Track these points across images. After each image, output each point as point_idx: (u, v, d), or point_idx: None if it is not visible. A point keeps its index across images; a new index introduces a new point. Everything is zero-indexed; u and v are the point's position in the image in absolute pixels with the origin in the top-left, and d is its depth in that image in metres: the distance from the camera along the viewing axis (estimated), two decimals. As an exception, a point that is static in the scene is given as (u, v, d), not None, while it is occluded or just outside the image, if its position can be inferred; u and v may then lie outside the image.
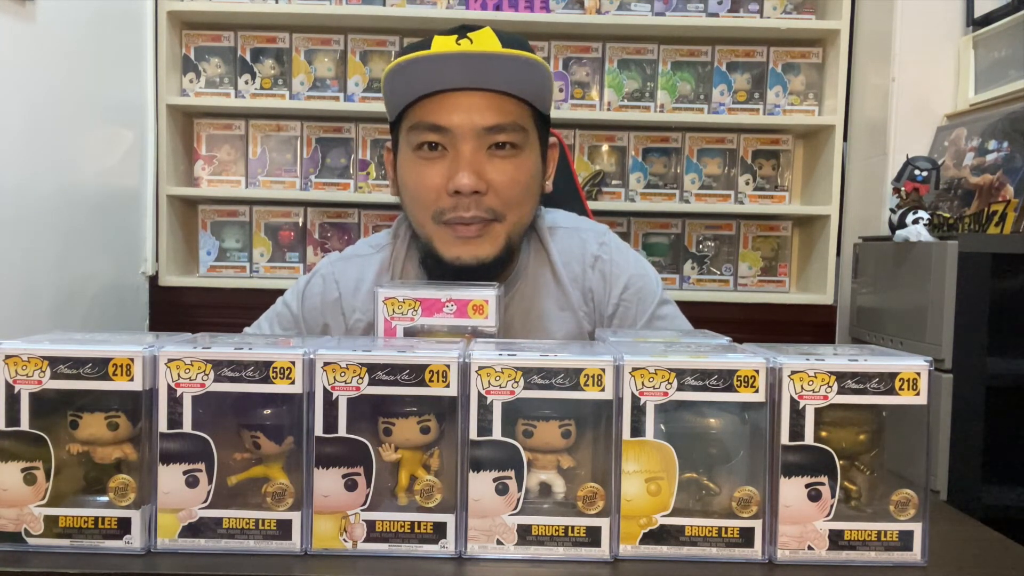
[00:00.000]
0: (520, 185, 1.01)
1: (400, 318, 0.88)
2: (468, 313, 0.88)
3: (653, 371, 0.71)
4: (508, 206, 1.00)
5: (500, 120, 0.98)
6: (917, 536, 0.72)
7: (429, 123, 0.98)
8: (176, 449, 0.71)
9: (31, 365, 0.70)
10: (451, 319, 0.88)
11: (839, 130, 2.27)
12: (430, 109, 0.98)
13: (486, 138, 0.98)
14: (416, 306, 0.88)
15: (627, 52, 2.33)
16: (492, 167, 0.98)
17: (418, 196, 1.01)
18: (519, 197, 1.01)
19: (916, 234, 1.76)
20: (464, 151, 0.97)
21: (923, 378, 0.71)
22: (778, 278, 2.43)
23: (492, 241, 1.01)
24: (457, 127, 0.97)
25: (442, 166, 0.99)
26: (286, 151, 2.37)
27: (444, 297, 0.87)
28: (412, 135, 1.00)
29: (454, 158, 0.98)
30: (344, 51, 2.33)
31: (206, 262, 2.39)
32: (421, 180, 1.00)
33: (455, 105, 0.97)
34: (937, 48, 2.13)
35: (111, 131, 2.12)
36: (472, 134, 0.97)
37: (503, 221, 1.01)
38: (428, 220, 1.01)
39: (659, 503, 0.71)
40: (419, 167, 1.00)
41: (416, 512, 0.72)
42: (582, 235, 1.15)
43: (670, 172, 2.40)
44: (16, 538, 0.71)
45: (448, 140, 0.98)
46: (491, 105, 0.98)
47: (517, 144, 1.00)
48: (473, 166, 0.97)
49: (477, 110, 0.97)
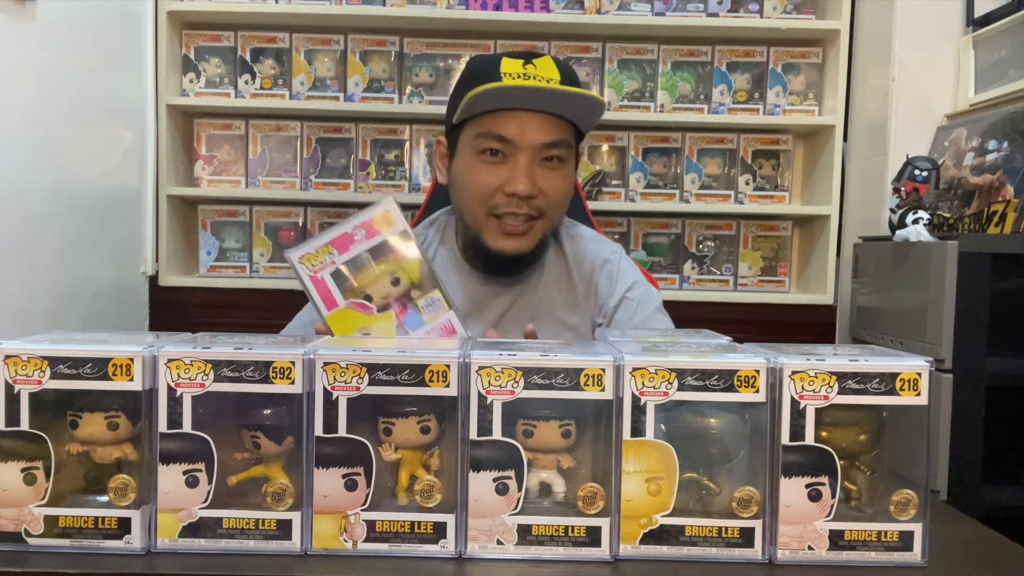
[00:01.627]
0: (562, 192, 1.18)
1: (321, 267, 0.92)
2: (378, 229, 0.94)
3: (653, 371, 0.71)
4: (551, 207, 1.17)
5: (554, 138, 1.14)
6: (917, 536, 0.72)
7: (497, 134, 1.13)
8: (176, 449, 0.71)
9: (31, 365, 0.70)
10: (365, 242, 0.94)
11: (839, 130, 2.27)
12: (498, 122, 1.13)
13: (541, 152, 1.14)
14: (330, 250, 0.93)
15: (627, 52, 2.33)
16: (542, 175, 1.14)
17: (477, 193, 1.15)
18: (561, 201, 1.19)
19: (916, 234, 1.75)
20: (521, 161, 1.13)
21: (924, 378, 0.71)
22: (778, 278, 2.43)
23: (532, 237, 1.17)
24: (519, 140, 1.13)
25: (502, 170, 1.14)
26: (286, 151, 2.37)
27: (350, 228, 0.93)
28: (479, 141, 1.15)
29: (512, 165, 1.13)
30: (344, 51, 2.33)
31: (206, 262, 2.39)
32: (481, 180, 1.15)
33: (524, 123, 1.13)
34: (937, 48, 2.12)
35: (111, 131, 2.12)
36: (531, 148, 1.13)
37: (544, 218, 1.17)
38: (481, 213, 1.16)
39: (659, 503, 0.71)
40: (480, 168, 1.15)
41: (416, 512, 0.72)
42: (599, 245, 1.32)
43: (670, 172, 2.40)
44: (16, 538, 0.71)
45: (510, 149, 1.13)
46: (548, 125, 1.14)
47: (563, 159, 1.17)
48: (529, 174, 1.13)
49: (537, 128, 1.13)
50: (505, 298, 1.24)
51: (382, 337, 0.93)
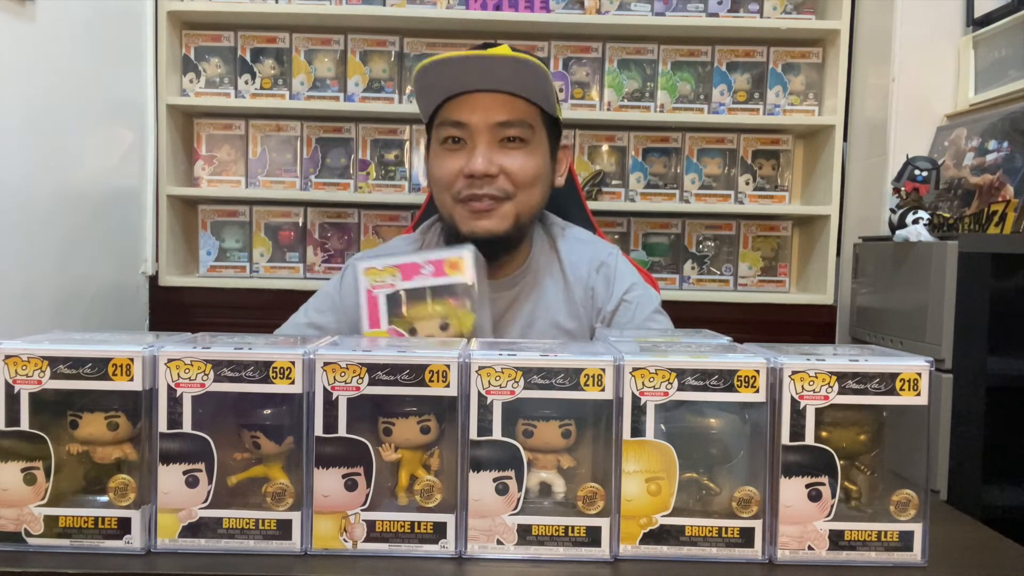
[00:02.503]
0: (528, 171, 1.17)
1: (380, 286, 0.92)
2: (445, 271, 0.94)
3: (653, 371, 0.71)
4: (517, 187, 1.17)
5: (510, 117, 1.16)
6: (917, 536, 0.72)
7: (452, 119, 1.16)
8: (176, 449, 0.71)
9: (31, 365, 0.70)
10: (430, 279, 0.93)
11: (839, 130, 2.27)
12: (453, 109, 1.17)
13: (498, 132, 1.16)
14: (395, 272, 0.92)
15: (627, 52, 2.33)
16: (503, 155, 1.16)
17: (442, 180, 1.19)
18: (527, 180, 1.18)
19: (916, 234, 1.75)
20: (479, 142, 1.15)
21: (924, 378, 0.71)
22: (778, 278, 2.43)
23: (502, 218, 1.17)
24: (474, 122, 1.15)
25: (462, 155, 1.17)
26: (286, 151, 2.37)
27: (421, 260, 0.93)
28: (439, 131, 1.19)
29: (471, 149, 1.16)
30: (344, 51, 2.33)
31: (206, 262, 2.39)
32: (444, 167, 1.18)
33: (474, 104, 1.16)
34: (937, 48, 2.12)
35: (111, 131, 2.12)
36: (486, 128, 1.15)
37: (513, 199, 1.17)
38: (449, 200, 1.19)
39: (659, 503, 0.71)
40: (443, 157, 1.19)
41: (416, 512, 0.72)
42: (595, 246, 1.32)
43: (670, 172, 2.40)
44: (16, 538, 0.71)
45: (467, 134, 1.16)
46: (503, 105, 1.16)
47: (524, 139, 1.17)
48: (486, 154, 1.15)
49: (491, 109, 1.15)
50: (500, 303, 1.23)
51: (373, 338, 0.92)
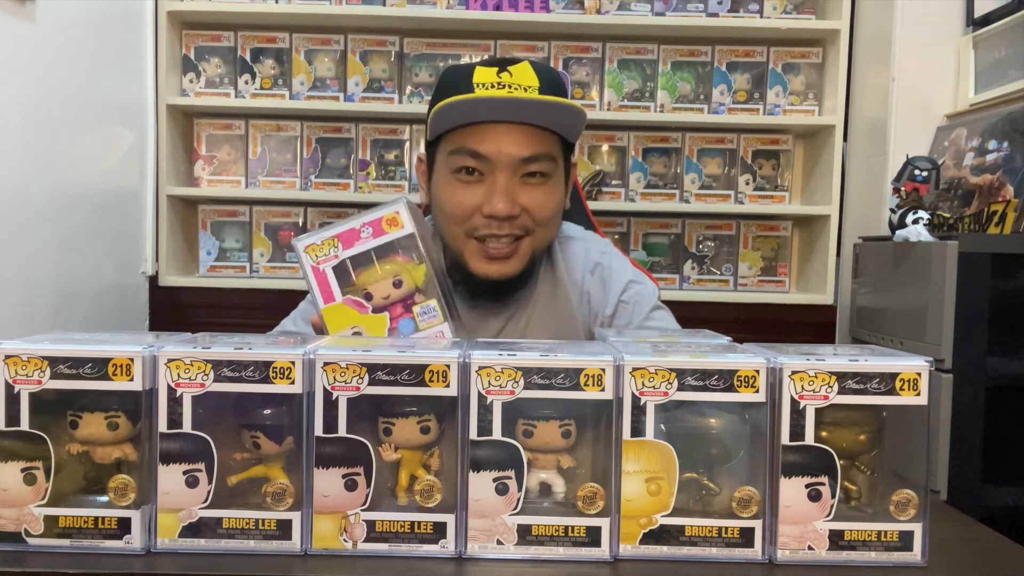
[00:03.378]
0: (549, 208, 1.09)
1: (325, 260, 0.93)
2: (384, 229, 0.94)
3: (653, 371, 0.71)
4: (539, 225, 1.09)
5: (534, 152, 1.06)
6: (917, 536, 0.72)
7: (470, 149, 1.05)
8: (176, 449, 0.71)
9: (31, 365, 0.70)
10: (371, 241, 0.93)
11: (839, 130, 2.27)
12: (471, 137, 1.05)
13: (520, 168, 1.06)
14: (335, 243, 0.93)
15: (627, 52, 2.33)
16: (524, 193, 1.07)
17: (454, 214, 1.08)
18: (548, 218, 1.10)
19: (916, 234, 1.75)
20: (500, 179, 1.05)
21: (924, 378, 0.71)
22: (778, 278, 2.43)
23: (519, 259, 1.09)
24: (495, 156, 1.05)
25: (479, 190, 1.06)
26: (286, 151, 2.37)
27: (358, 224, 0.93)
28: (453, 159, 1.07)
29: (490, 184, 1.06)
30: (344, 51, 2.33)
31: (206, 262, 2.39)
32: (458, 201, 1.07)
33: (495, 136, 1.04)
34: (937, 48, 2.12)
35: (111, 131, 2.12)
36: (508, 164, 1.05)
37: (532, 236, 1.09)
38: (460, 235, 1.09)
39: (659, 503, 0.71)
40: (457, 188, 1.07)
41: (416, 512, 0.72)
42: (587, 245, 1.24)
43: (670, 172, 2.40)
44: (16, 538, 0.71)
45: (486, 167, 1.06)
46: (527, 138, 1.05)
47: (547, 173, 1.08)
48: (507, 193, 1.05)
49: (514, 142, 1.05)
50: (496, 321, 1.17)
51: (373, 338, 0.92)
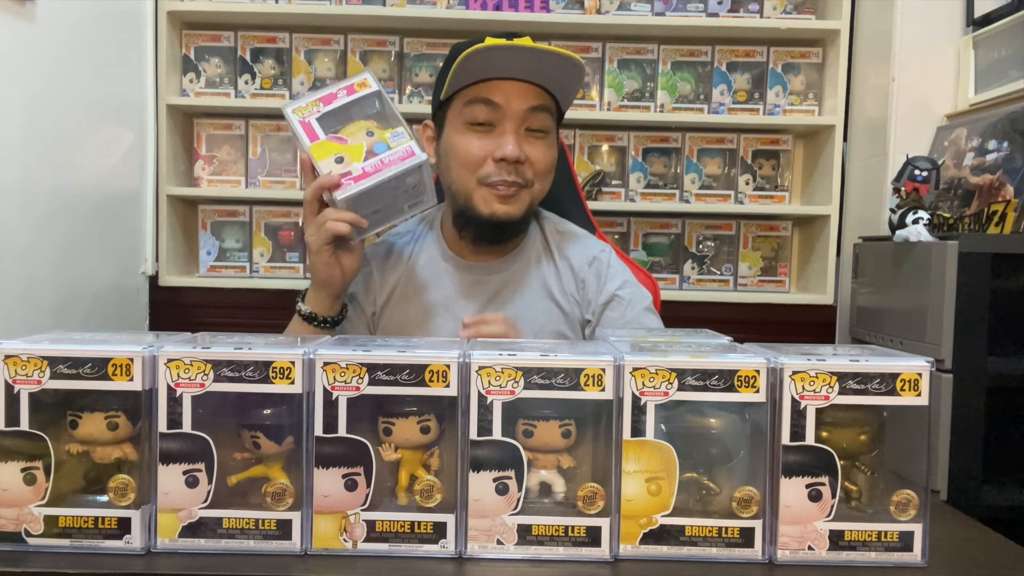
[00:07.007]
0: (547, 161, 1.23)
1: (310, 114, 1.10)
2: (356, 90, 1.13)
3: (654, 371, 0.71)
4: (536, 176, 1.22)
5: (538, 102, 1.19)
6: (917, 536, 0.72)
7: (485, 98, 1.18)
8: (176, 449, 0.71)
9: (31, 365, 0.70)
10: (347, 98, 1.12)
11: (839, 130, 2.27)
12: (485, 89, 1.19)
13: (526, 119, 1.19)
14: (317, 103, 1.11)
15: (627, 52, 2.33)
16: (528, 144, 1.20)
17: (467, 161, 1.20)
18: (545, 171, 1.23)
19: (916, 234, 1.75)
20: (509, 127, 1.18)
21: (924, 379, 0.71)
22: (778, 278, 2.43)
23: (520, 203, 1.21)
24: (506, 105, 1.18)
25: (490, 139, 1.19)
26: (286, 151, 2.37)
27: (335, 89, 1.12)
28: (467, 109, 1.20)
29: (500, 132, 1.19)
30: (344, 51, 2.33)
31: (206, 262, 2.39)
32: (471, 148, 1.20)
33: (506, 88, 1.19)
34: (937, 48, 2.12)
35: (111, 131, 2.11)
36: (517, 113, 1.18)
37: (530, 188, 1.22)
38: (472, 181, 1.20)
39: (659, 503, 0.71)
40: (470, 138, 1.20)
41: (416, 512, 0.72)
42: (587, 242, 1.34)
43: (670, 172, 2.40)
44: (16, 538, 0.71)
45: (497, 117, 1.19)
46: (532, 92, 1.19)
47: (545, 130, 1.22)
48: (516, 140, 1.18)
49: (522, 95, 1.19)
50: (491, 284, 1.27)
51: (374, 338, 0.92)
